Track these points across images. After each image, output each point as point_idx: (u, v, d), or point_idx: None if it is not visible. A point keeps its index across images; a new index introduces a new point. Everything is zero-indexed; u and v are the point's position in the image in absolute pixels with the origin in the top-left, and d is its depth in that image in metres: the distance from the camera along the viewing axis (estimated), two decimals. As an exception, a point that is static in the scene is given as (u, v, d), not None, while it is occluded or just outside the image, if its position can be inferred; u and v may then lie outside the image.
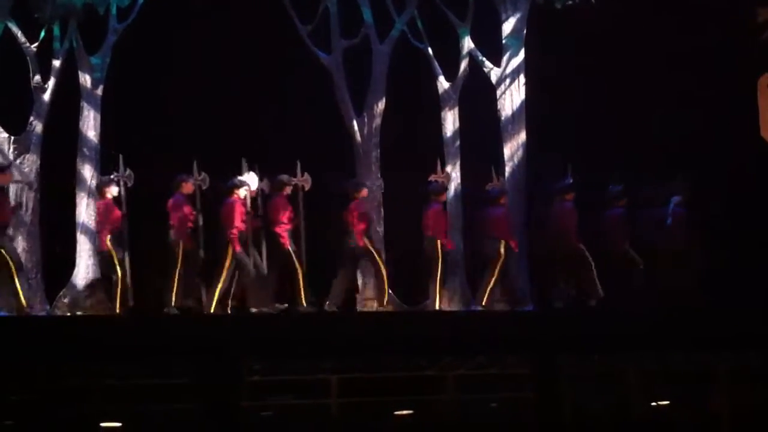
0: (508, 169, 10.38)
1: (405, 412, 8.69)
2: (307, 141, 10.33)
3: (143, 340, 8.44)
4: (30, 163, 9.65)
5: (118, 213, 9.37)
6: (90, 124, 9.83)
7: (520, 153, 10.41)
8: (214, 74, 10.11)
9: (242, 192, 9.40)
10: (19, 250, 9.48)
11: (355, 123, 10.33)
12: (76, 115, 9.81)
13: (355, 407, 8.75)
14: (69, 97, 9.82)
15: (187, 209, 9.28)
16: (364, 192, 9.68)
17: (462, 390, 9.01)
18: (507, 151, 10.45)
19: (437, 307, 10.05)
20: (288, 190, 9.54)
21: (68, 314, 9.48)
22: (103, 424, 8.36)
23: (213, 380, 8.49)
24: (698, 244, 10.01)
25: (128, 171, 9.40)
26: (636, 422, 8.97)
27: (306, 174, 9.63)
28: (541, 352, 9.04)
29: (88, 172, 9.78)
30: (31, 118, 9.68)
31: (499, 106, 10.56)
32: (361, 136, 10.33)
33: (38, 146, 9.69)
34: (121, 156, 9.32)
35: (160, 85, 10.01)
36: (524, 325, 9.47)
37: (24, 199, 9.62)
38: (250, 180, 9.52)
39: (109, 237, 9.27)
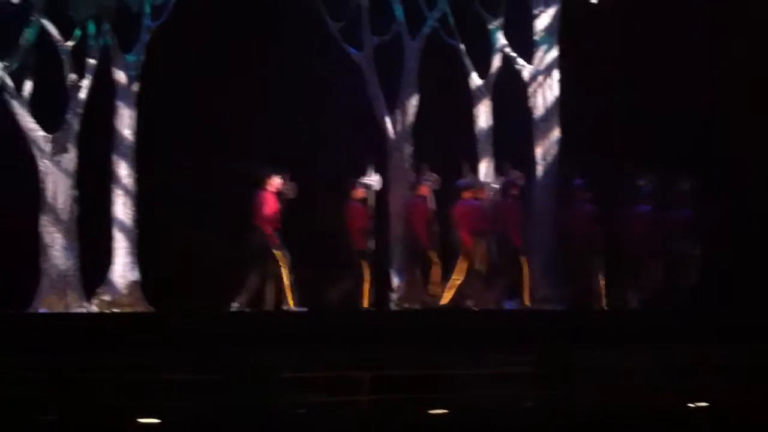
0: (539, 168, 10.25)
1: (439, 411, 8.65)
2: (340, 138, 10.24)
3: (184, 335, 8.42)
4: (67, 161, 9.64)
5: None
6: (125, 122, 9.79)
7: (552, 151, 10.27)
8: (245, 71, 10.03)
9: (365, 192, 9.27)
10: (57, 248, 9.48)
11: (387, 120, 10.23)
12: (111, 113, 9.73)
13: (389, 405, 8.72)
14: (104, 95, 9.74)
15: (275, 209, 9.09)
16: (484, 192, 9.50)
17: (496, 388, 8.95)
18: (539, 149, 10.32)
19: (468, 305, 9.96)
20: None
21: (105, 311, 9.47)
22: (140, 420, 8.37)
23: (248, 377, 8.48)
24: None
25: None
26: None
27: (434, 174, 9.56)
28: (571, 351, 8.97)
29: (123, 169, 9.76)
30: (68, 116, 9.64)
31: (531, 104, 10.41)
32: (394, 132, 10.24)
33: (75, 144, 9.65)
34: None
35: (192, 82, 9.93)
36: (554, 323, 9.38)
37: (62, 197, 9.59)
38: (373, 181, 9.35)
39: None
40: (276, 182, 9.06)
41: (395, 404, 8.55)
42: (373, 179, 9.41)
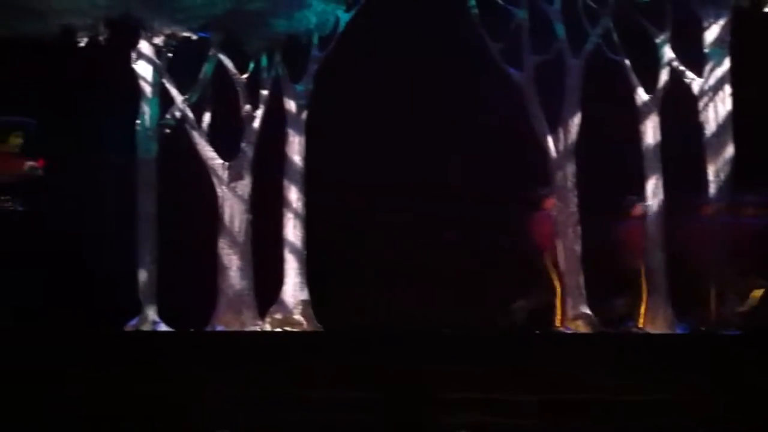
0: (712, 185, 9.79)
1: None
2: (502, 158, 10.22)
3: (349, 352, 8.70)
4: (242, 187, 10.19)
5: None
6: (295, 149, 10.22)
7: (726, 167, 9.77)
8: (408, 95, 10.20)
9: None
10: (233, 269, 10.07)
11: (549, 139, 10.11)
12: (282, 141, 10.20)
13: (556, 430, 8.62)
14: (275, 123, 10.22)
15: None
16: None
17: (668, 416, 8.64)
18: (711, 165, 9.85)
19: (639, 328, 9.68)
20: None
21: (278, 329, 9.95)
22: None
23: (407, 395, 8.65)
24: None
25: None
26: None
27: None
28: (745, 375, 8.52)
29: (293, 193, 10.20)
30: (243, 145, 10.19)
31: (702, 118, 9.94)
32: (557, 151, 10.10)
33: (249, 170, 10.18)
34: None
35: (359, 108, 10.22)
36: (730, 346, 8.93)
37: (237, 221, 10.17)
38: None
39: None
40: (549, 202, 9.40)
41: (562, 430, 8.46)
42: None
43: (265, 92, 10.15)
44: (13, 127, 8.83)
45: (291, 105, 10.15)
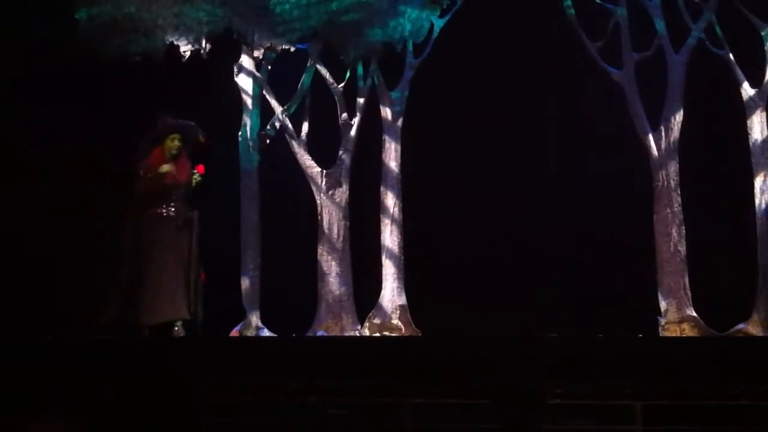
0: (828, 180, 9.24)
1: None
2: (603, 160, 9.95)
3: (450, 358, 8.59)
4: (340, 194, 10.24)
5: None
6: (391, 155, 10.21)
7: (841, 162, 9.21)
8: (503, 100, 10.07)
9: None
10: (333, 274, 10.12)
11: (651, 137, 9.79)
12: (379, 148, 10.23)
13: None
14: (372, 131, 10.26)
15: None
16: None
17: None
18: (824, 158, 9.30)
19: (750, 331, 9.22)
20: None
21: (377, 334, 9.93)
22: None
23: (513, 402, 8.45)
24: None
25: None
26: None
27: None
28: None
29: (390, 199, 10.18)
30: (340, 153, 10.26)
31: (812, 112, 9.42)
32: (658, 150, 9.77)
33: (347, 178, 10.24)
34: None
35: (455, 114, 10.16)
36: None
37: (336, 228, 10.23)
38: None
39: None
40: None
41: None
42: None
43: (361, 100, 10.18)
44: (172, 129, 8.56)
45: (387, 112, 10.17)
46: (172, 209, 8.40)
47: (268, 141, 10.29)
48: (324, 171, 10.26)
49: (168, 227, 8.33)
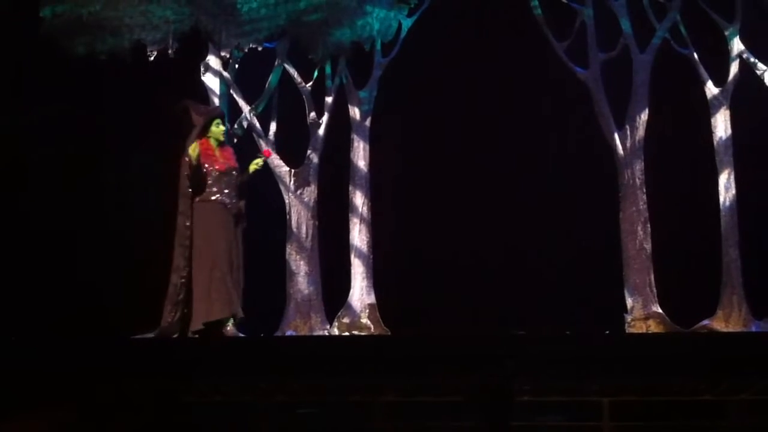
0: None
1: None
2: (568, 159, 9.99)
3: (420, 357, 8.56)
4: (309, 194, 10.17)
5: None
6: (360, 155, 10.16)
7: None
8: (472, 99, 10.06)
9: None
10: (301, 274, 10.05)
11: (616, 136, 9.84)
12: (347, 147, 10.18)
13: (628, 432, 8.32)
14: (340, 130, 10.21)
15: None
16: None
17: (744, 417, 8.25)
18: (786, 157, 9.39)
19: (714, 327, 9.29)
20: None
21: (346, 333, 9.88)
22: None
23: (482, 399, 8.43)
24: None
25: None
26: None
27: None
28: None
29: (359, 199, 10.14)
30: (309, 152, 10.19)
31: (774, 110, 9.51)
32: (624, 149, 9.82)
33: (315, 177, 10.17)
34: None
35: (421, 112, 10.14)
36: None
37: (305, 227, 10.17)
38: None
39: None
40: None
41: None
42: None
43: (329, 99, 10.12)
44: (212, 115, 8.50)
45: (355, 111, 10.11)
46: (227, 197, 8.32)
47: (235, 140, 10.19)
48: (292, 170, 10.19)
49: (223, 216, 8.27)
